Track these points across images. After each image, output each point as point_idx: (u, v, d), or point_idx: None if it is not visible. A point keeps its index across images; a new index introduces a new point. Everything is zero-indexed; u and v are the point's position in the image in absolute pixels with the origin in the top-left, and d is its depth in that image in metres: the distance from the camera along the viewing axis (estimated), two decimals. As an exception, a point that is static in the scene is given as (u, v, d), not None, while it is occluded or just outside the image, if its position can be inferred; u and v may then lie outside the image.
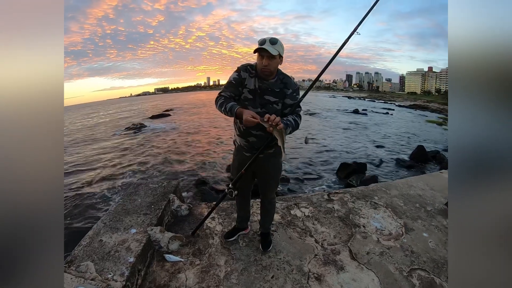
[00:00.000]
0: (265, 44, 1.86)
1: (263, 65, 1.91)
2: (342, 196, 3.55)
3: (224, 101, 1.96)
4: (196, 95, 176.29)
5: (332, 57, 2.21)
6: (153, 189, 3.18)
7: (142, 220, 2.56)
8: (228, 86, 2.04)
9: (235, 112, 1.88)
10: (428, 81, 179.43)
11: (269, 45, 1.85)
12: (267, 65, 1.91)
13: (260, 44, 1.87)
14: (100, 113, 53.83)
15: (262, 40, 1.88)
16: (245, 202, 2.58)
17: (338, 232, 2.83)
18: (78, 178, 10.68)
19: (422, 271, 2.34)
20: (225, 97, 2.00)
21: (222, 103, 1.96)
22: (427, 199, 3.55)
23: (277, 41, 1.89)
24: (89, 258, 2.08)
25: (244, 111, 1.86)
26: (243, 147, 2.19)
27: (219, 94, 2.05)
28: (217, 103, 2.01)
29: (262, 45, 1.85)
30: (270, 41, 1.87)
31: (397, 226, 2.95)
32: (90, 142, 19.62)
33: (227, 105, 1.92)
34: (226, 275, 2.26)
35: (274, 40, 1.88)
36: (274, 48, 1.86)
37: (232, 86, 2.03)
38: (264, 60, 1.89)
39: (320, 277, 2.25)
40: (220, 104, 1.97)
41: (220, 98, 2.01)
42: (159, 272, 2.26)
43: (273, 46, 1.86)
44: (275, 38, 1.89)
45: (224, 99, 1.99)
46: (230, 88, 2.03)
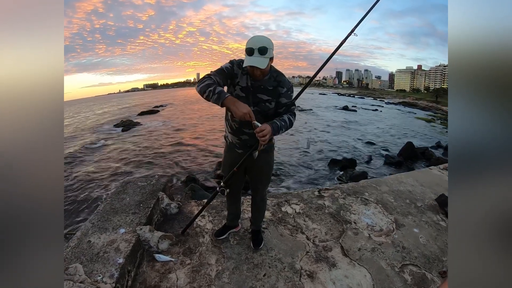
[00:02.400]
0: (254, 54, 1.71)
1: (254, 74, 1.83)
2: (333, 193, 3.54)
3: (212, 83, 1.74)
4: (185, 91, 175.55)
5: (327, 58, 2.17)
6: (142, 187, 3.13)
7: (131, 220, 2.51)
8: (219, 72, 1.87)
9: (223, 99, 1.69)
10: (417, 79, 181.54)
11: (258, 57, 1.71)
12: (258, 74, 1.82)
13: (248, 53, 1.73)
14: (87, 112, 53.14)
15: (249, 50, 1.72)
16: (235, 199, 2.54)
17: (330, 229, 2.82)
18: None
19: (414, 267, 2.35)
20: (213, 80, 1.79)
21: (210, 84, 1.73)
22: (417, 195, 3.57)
23: (266, 49, 1.71)
24: (78, 260, 2.02)
25: (238, 103, 1.70)
26: (235, 144, 2.12)
27: (208, 75, 1.84)
28: (202, 82, 1.77)
29: (251, 56, 1.72)
30: (259, 51, 1.70)
31: (388, 222, 2.96)
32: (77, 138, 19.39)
33: (215, 89, 1.70)
34: (218, 274, 2.23)
35: (263, 49, 1.70)
36: (264, 59, 1.72)
37: (222, 74, 1.87)
38: (255, 70, 1.77)
39: (312, 274, 2.24)
40: (207, 84, 1.74)
41: (207, 79, 1.79)
42: (150, 273, 2.22)
43: (263, 56, 1.72)
44: (264, 46, 1.70)
45: (212, 81, 1.77)
46: (220, 75, 1.85)
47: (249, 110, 1.70)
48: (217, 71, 1.89)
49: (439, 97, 72.65)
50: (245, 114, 1.68)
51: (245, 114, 1.68)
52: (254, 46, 1.70)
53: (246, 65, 1.74)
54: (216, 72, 1.87)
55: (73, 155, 14.67)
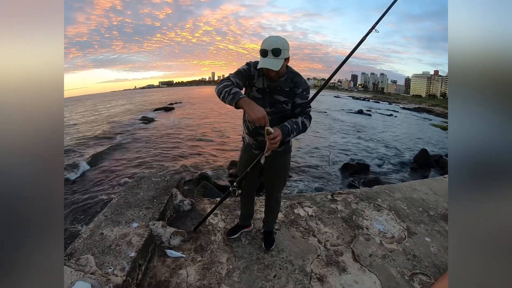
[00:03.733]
0: (268, 56, 1.69)
1: (271, 75, 1.80)
2: (346, 197, 3.52)
3: (230, 85, 1.74)
4: (201, 89, 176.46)
5: (348, 55, 2.10)
6: (156, 183, 3.16)
7: (144, 214, 2.54)
8: (238, 73, 1.87)
9: (238, 99, 1.65)
10: (433, 85, 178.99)
11: (272, 59, 1.69)
12: (273, 75, 1.80)
13: (262, 55, 1.71)
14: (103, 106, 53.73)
15: (263, 51, 1.70)
16: (249, 200, 2.55)
17: (341, 233, 2.81)
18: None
19: (424, 276, 2.32)
20: (232, 82, 1.79)
21: (227, 86, 1.72)
22: (430, 204, 3.52)
23: (280, 50, 1.68)
24: (89, 252, 2.06)
25: (253, 105, 1.64)
26: (251, 145, 2.13)
27: (227, 78, 1.85)
28: (220, 84, 1.78)
29: (264, 57, 1.70)
30: (273, 53, 1.68)
31: (400, 229, 2.93)
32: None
33: (231, 89, 1.68)
34: (228, 272, 2.24)
35: (276, 50, 1.67)
36: (278, 60, 1.69)
37: (241, 75, 1.86)
38: (270, 72, 1.76)
39: (322, 278, 2.24)
40: (225, 85, 1.73)
41: (226, 81, 1.80)
42: (160, 268, 2.25)
43: (276, 58, 1.69)
44: (277, 48, 1.67)
45: (230, 83, 1.77)
46: (238, 76, 1.85)
47: (265, 115, 1.63)
48: (235, 73, 1.88)
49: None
50: (260, 119, 1.61)
51: (260, 118, 1.61)
52: (268, 47, 1.68)
53: (260, 67, 1.72)
54: (235, 74, 1.87)
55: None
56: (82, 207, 7.65)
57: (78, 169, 10.99)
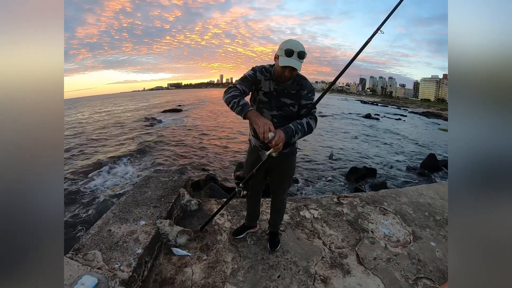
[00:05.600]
0: (293, 56, 1.72)
1: (285, 76, 1.82)
2: (352, 200, 3.53)
3: (238, 95, 1.80)
4: (209, 92, 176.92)
5: (353, 57, 2.09)
6: (164, 182, 3.21)
7: (152, 213, 2.58)
8: (244, 80, 1.92)
9: (246, 112, 1.73)
10: (442, 89, 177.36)
11: (296, 60, 1.73)
12: (290, 76, 1.82)
13: (287, 54, 1.73)
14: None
15: (289, 51, 1.72)
16: (255, 201, 2.57)
17: (346, 236, 2.82)
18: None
19: (428, 280, 2.32)
20: (239, 90, 1.84)
21: (235, 96, 1.79)
22: (437, 208, 3.51)
23: (305, 54, 1.75)
24: (97, 247, 2.11)
25: (260, 118, 1.71)
26: (258, 147, 2.14)
27: (233, 84, 1.89)
28: (228, 93, 1.83)
29: (290, 57, 1.72)
30: (299, 55, 1.73)
31: (405, 233, 2.93)
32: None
33: (240, 101, 1.76)
34: (233, 271, 2.27)
35: (302, 54, 1.74)
36: (300, 62, 1.75)
37: (247, 81, 1.91)
38: (287, 72, 1.78)
39: (326, 280, 2.25)
40: (233, 96, 1.80)
41: (233, 90, 1.84)
42: (166, 265, 2.28)
43: (300, 60, 1.75)
44: (303, 51, 1.74)
45: (238, 92, 1.83)
46: (245, 83, 1.90)
47: (270, 125, 1.66)
48: (242, 79, 1.93)
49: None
50: (263, 132, 1.64)
51: (264, 132, 1.64)
52: (295, 49, 1.71)
53: (284, 64, 1.74)
54: (241, 81, 1.91)
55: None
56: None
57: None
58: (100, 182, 9.60)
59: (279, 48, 1.79)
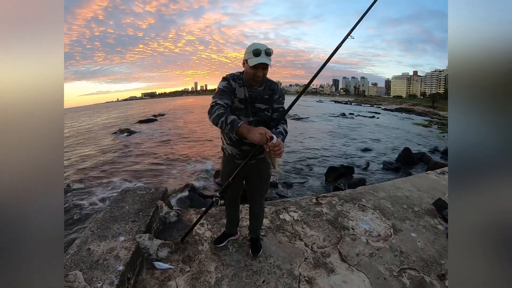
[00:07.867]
0: (262, 55, 1.79)
1: (258, 76, 1.86)
2: (330, 200, 3.57)
3: (223, 112, 1.73)
4: (184, 100, 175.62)
5: (325, 62, 2.09)
6: (141, 195, 3.14)
7: (131, 228, 2.52)
8: (222, 93, 1.89)
9: (237, 128, 1.64)
10: (413, 85, 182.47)
11: (265, 57, 1.80)
12: (261, 76, 1.87)
13: (255, 54, 1.79)
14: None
15: (257, 51, 1.79)
16: (234, 207, 2.56)
17: (328, 235, 2.84)
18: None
19: (412, 270, 2.37)
20: (223, 106, 1.81)
21: (221, 115, 1.71)
22: (415, 200, 3.60)
23: (271, 52, 1.84)
24: (77, 267, 2.03)
25: (252, 130, 1.63)
26: (235, 155, 2.12)
27: (215, 102, 1.83)
28: (213, 112, 1.75)
29: (258, 56, 1.79)
30: (266, 53, 1.81)
31: (386, 227, 2.98)
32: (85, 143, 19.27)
33: (227, 118, 1.68)
34: (217, 281, 2.24)
35: (269, 51, 1.82)
36: (269, 59, 1.83)
37: (225, 93, 1.90)
38: (259, 71, 1.84)
39: (311, 280, 2.26)
40: (218, 115, 1.72)
41: (217, 108, 1.77)
42: (149, 280, 2.23)
43: (268, 57, 1.82)
44: (269, 48, 1.82)
45: (223, 109, 1.77)
46: (225, 95, 1.88)
47: (266, 130, 1.62)
48: (220, 93, 1.90)
49: (435, 102, 73.03)
50: (262, 135, 1.59)
51: (262, 135, 1.59)
52: (261, 48, 1.81)
53: (256, 63, 1.79)
54: (220, 95, 1.88)
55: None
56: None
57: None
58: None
59: (246, 52, 1.86)
